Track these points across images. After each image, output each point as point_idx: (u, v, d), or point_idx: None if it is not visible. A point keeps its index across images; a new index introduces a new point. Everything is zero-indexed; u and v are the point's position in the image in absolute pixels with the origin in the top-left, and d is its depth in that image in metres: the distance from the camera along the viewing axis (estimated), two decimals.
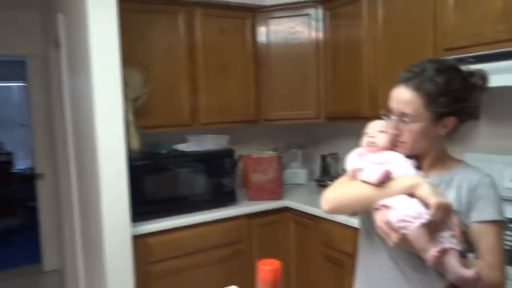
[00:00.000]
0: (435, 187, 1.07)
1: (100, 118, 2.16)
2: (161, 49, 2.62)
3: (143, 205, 2.42)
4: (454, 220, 1.06)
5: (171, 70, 2.66)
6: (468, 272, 1.01)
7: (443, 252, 0.99)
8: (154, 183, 2.50)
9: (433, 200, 1.02)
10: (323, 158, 3.28)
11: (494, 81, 1.68)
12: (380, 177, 1.09)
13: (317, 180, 3.12)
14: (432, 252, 1.00)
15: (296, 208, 2.76)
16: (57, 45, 2.90)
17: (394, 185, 1.09)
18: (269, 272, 1.14)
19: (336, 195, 1.20)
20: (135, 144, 2.45)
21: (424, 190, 1.04)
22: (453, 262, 1.03)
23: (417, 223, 1.01)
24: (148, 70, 2.56)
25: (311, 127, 3.57)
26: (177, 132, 2.81)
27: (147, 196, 2.46)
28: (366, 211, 1.24)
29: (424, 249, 1.02)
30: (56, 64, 3.09)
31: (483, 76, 1.17)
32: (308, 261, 2.72)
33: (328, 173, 3.25)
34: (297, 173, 3.36)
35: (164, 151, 2.61)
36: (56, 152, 3.55)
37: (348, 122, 2.78)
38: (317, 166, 3.40)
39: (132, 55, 2.49)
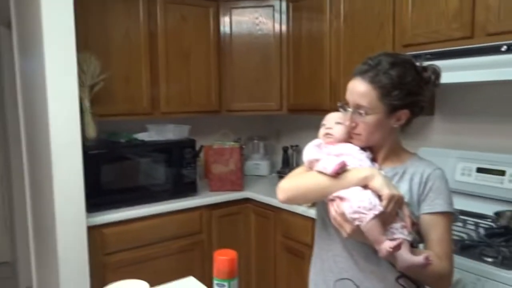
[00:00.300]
0: (388, 179, 1.10)
1: (54, 104, 2.07)
2: (120, 36, 2.54)
3: (99, 195, 2.36)
4: (406, 211, 1.08)
5: (131, 57, 2.58)
6: (418, 259, 1.04)
7: (397, 247, 1.02)
8: (111, 173, 2.43)
9: (386, 192, 1.04)
10: (285, 150, 3.30)
11: (449, 77, 1.75)
12: (335, 168, 1.11)
13: (279, 172, 3.14)
14: (386, 246, 1.02)
15: (257, 199, 2.76)
16: (8, 25, 2.75)
17: (349, 176, 1.10)
18: (226, 262, 1.14)
19: (291, 185, 1.21)
20: (92, 132, 2.37)
21: (377, 182, 1.06)
22: (404, 251, 1.05)
23: (370, 214, 1.03)
24: (106, 56, 2.47)
25: (273, 119, 3.58)
26: (137, 121, 2.75)
27: (104, 186, 2.39)
28: (321, 203, 1.26)
29: (377, 240, 1.04)
30: (7, 45, 2.93)
31: (435, 71, 1.20)
32: (268, 252, 2.74)
33: (289, 165, 3.28)
34: (259, 165, 3.36)
35: (122, 140, 2.54)
36: (8, 140, 3.38)
37: (310, 114, 2.81)
38: (279, 158, 3.42)
39: (88, 40, 2.41)
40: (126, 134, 2.60)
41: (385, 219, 1.05)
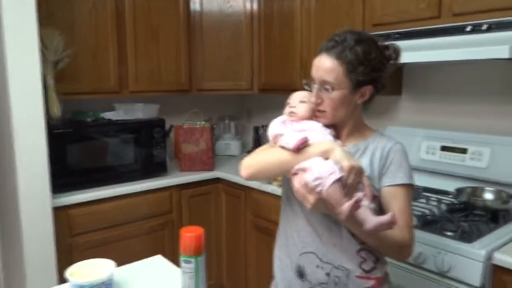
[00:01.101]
0: (347, 151, 1.12)
1: (14, 82, 1.98)
2: (85, 11, 2.44)
3: (65, 175, 2.31)
4: (366, 182, 1.11)
5: (97, 33, 2.50)
6: (385, 217, 1.06)
7: (357, 203, 1.02)
8: (78, 153, 2.37)
9: (346, 163, 1.06)
10: (256, 129, 3.30)
11: (417, 57, 1.78)
12: (297, 143, 1.12)
13: (250, 152, 3.14)
14: (346, 204, 1.02)
15: (228, 179, 2.77)
16: None
17: (310, 150, 1.12)
18: (191, 238, 1.14)
19: (254, 161, 1.22)
20: (56, 111, 2.29)
21: (337, 153, 1.08)
22: (368, 214, 1.07)
23: (331, 179, 1.04)
24: (71, 32, 2.38)
25: (244, 99, 3.56)
26: (104, 100, 2.68)
27: (70, 166, 2.33)
28: (286, 179, 1.27)
29: (338, 203, 1.05)
30: None
31: (396, 50, 1.23)
32: (238, 231, 2.76)
33: (260, 144, 3.27)
34: (230, 145, 3.35)
35: (89, 119, 2.47)
36: None
37: (281, 94, 2.79)
38: (250, 137, 3.42)
39: (51, 14, 2.31)
40: (93, 113, 2.54)
41: (346, 189, 1.07)
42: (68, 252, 2.27)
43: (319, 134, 1.17)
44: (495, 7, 1.67)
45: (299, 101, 1.24)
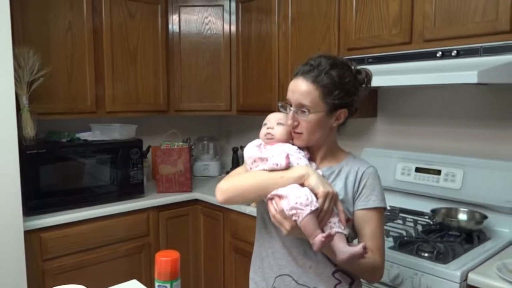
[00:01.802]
0: (322, 177, 1.14)
1: None
2: (61, 30, 2.42)
3: (38, 197, 2.25)
4: (340, 207, 1.13)
5: (74, 54, 2.48)
6: (356, 248, 1.08)
7: (329, 237, 1.05)
8: (52, 174, 2.31)
9: (321, 190, 1.08)
10: (235, 150, 3.30)
11: (390, 81, 1.82)
12: (286, 161, 1.14)
13: (228, 173, 3.13)
14: (319, 237, 1.05)
15: (206, 200, 2.74)
16: None
17: (286, 175, 1.13)
18: (167, 263, 1.12)
19: (230, 185, 1.21)
20: (30, 131, 2.24)
21: (312, 180, 1.10)
22: (341, 244, 1.09)
23: (307, 210, 1.06)
24: (46, 51, 2.36)
25: (223, 120, 3.57)
26: (80, 120, 2.64)
27: (43, 187, 2.27)
28: (261, 202, 1.27)
29: (312, 234, 1.07)
30: None
31: (368, 75, 1.26)
32: (217, 253, 2.72)
33: (239, 165, 3.28)
34: (208, 166, 3.34)
35: (64, 140, 2.43)
36: None
37: (259, 115, 2.80)
38: (229, 158, 3.41)
39: (26, 33, 2.29)
40: (68, 133, 2.49)
41: (322, 215, 1.08)
42: (39, 277, 2.19)
43: (294, 157, 1.18)
44: (464, 34, 1.74)
45: (276, 123, 1.25)
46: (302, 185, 1.10)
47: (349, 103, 1.21)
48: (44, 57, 2.33)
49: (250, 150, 1.24)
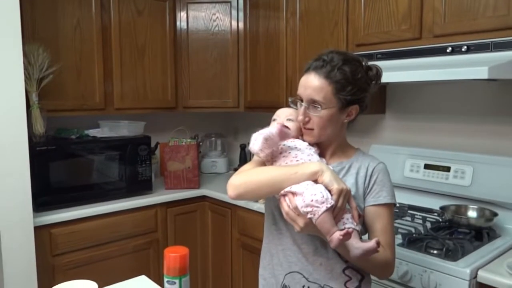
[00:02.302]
0: (336, 174, 1.12)
1: None
2: (70, 27, 2.44)
3: (48, 193, 2.27)
4: (353, 204, 1.12)
5: (82, 51, 2.49)
6: (370, 244, 1.07)
7: (347, 235, 1.04)
8: (61, 170, 2.33)
9: (335, 186, 1.07)
10: (243, 147, 3.30)
11: (399, 77, 1.81)
12: (277, 130, 1.15)
13: (236, 169, 3.13)
14: (337, 235, 1.04)
15: (214, 196, 2.75)
16: None
17: (299, 171, 1.11)
18: (176, 259, 1.13)
19: (242, 181, 1.19)
20: (40, 128, 2.26)
21: (327, 177, 1.08)
22: (354, 240, 1.09)
23: (323, 207, 1.05)
24: (55, 48, 2.37)
25: (231, 116, 3.57)
26: (89, 117, 2.66)
27: (53, 184, 2.29)
28: (271, 198, 1.27)
29: (329, 231, 1.06)
30: None
31: (378, 71, 1.25)
32: (225, 250, 2.73)
33: (247, 162, 3.28)
34: (216, 162, 3.35)
35: (73, 136, 2.45)
36: None
37: (267, 112, 2.80)
38: (236, 155, 3.41)
39: (36, 30, 2.31)
40: (77, 130, 2.51)
41: (336, 211, 1.08)
42: (49, 272, 2.21)
43: (305, 153, 1.18)
44: (474, 30, 1.72)
45: (286, 119, 1.25)
46: (316, 181, 1.09)
47: (361, 99, 1.21)
48: (54, 54, 2.34)
49: (256, 141, 1.21)
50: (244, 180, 1.19)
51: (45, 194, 2.25)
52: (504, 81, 1.85)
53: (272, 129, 1.16)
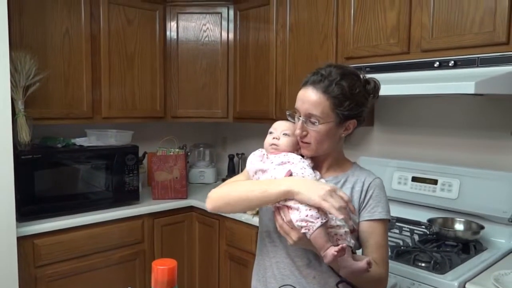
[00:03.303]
0: (312, 179, 1.11)
1: None
2: (59, 35, 2.42)
3: (32, 203, 2.22)
4: (345, 197, 1.09)
5: (70, 59, 2.47)
6: (361, 264, 1.08)
7: (342, 251, 1.04)
8: (46, 180, 2.29)
9: (316, 200, 1.04)
10: (231, 157, 3.29)
11: (388, 90, 1.82)
12: (286, 175, 1.13)
13: (224, 180, 3.12)
14: (331, 251, 1.04)
15: (201, 207, 2.72)
16: None
17: (269, 190, 1.10)
18: (164, 271, 1.10)
19: (219, 194, 1.21)
20: (25, 136, 2.22)
21: (303, 196, 1.06)
22: (347, 258, 1.09)
23: (318, 223, 1.05)
24: (43, 56, 2.35)
25: (220, 127, 3.57)
26: (76, 126, 2.63)
27: (38, 193, 2.25)
28: (265, 210, 1.26)
29: (323, 247, 1.06)
30: None
31: (376, 84, 1.25)
32: (212, 261, 2.70)
33: (235, 172, 3.28)
34: (204, 172, 3.32)
35: (59, 145, 2.41)
36: None
37: (256, 122, 2.82)
38: (225, 165, 3.40)
39: (24, 38, 2.29)
40: (64, 139, 2.47)
41: (330, 227, 1.07)
42: (32, 284, 2.16)
43: (297, 167, 1.17)
44: (461, 45, 1.75)
45: (282, 133, 1.24)
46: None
47: (359, 113, 1.20)
48: (41, 61, 2.32)
49: (252, 161, 1.23)
50: (220, 194, 1.21)
51: (29, 204, 2.21)
52: (490, 96, 1.88)
53: (278, 175, 1.15)
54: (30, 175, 2.21)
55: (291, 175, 1.13)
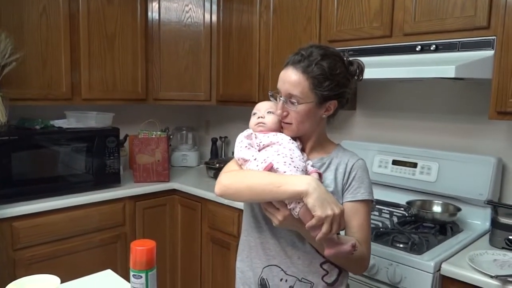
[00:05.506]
0: (327, 194, 1.07)
1: None
2: (35, 13, 2.34)
3: (9, 185, 2.18)
4: (342, 223, 1.10)
5: (48, 38, 2.40)
6: (345, 247, 1.09)
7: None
8: (24, 162, 2.25)
9: (317, 213, 1.03)
10: (214, 141, 3.28)
11: (370, 74, 1.83)
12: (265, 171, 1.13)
13: (207, 163, 3.11)
14: (320, 234, 1.04)
15: (184, 190, 2.72)
16: None
17: (284, 186, 1.07)
18: (142, 252, 1.10)
19: (231, 181, 1.17)
20: (1, 117, 2.17)
21: (310, 201, 1.04)
22: (333, 239, 1.09)
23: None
24: (19, 35, 2.28)
25: (202, 110, 3.54)
26: (55, 107, 2.57)
27: (15, 176, 2.20)
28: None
29: (310, 225, 1.06)
30: None
31: (360, 66, 1.24)
32: (194, 244, 2.70)
33: (218, 156, 3.27)
34: (187, 156, 3.31)
35: (37, 127, 2.36)
36: None
37: (239, 105, 2.81)
38: (208, 149, 3.39)
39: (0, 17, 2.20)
40: (42, 120, 2.42)
41: (321, 236, 1.06)
42: (10, 267, 2.13)
43: (286, 148, 1.17)
44: (442, 29, 1.76)
45: (266, 111, 1.24)
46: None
47: (340, 94, 1.20)
48: (17, 41, 2.25)
49: (238, 143, 1.23)
50: (231, 181, 1.18)
51: (6, 186, 2.16)
52: (470, 80, 1.90)
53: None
54: (6, 157, 2.16)
55: (271, 168, 1.12)
